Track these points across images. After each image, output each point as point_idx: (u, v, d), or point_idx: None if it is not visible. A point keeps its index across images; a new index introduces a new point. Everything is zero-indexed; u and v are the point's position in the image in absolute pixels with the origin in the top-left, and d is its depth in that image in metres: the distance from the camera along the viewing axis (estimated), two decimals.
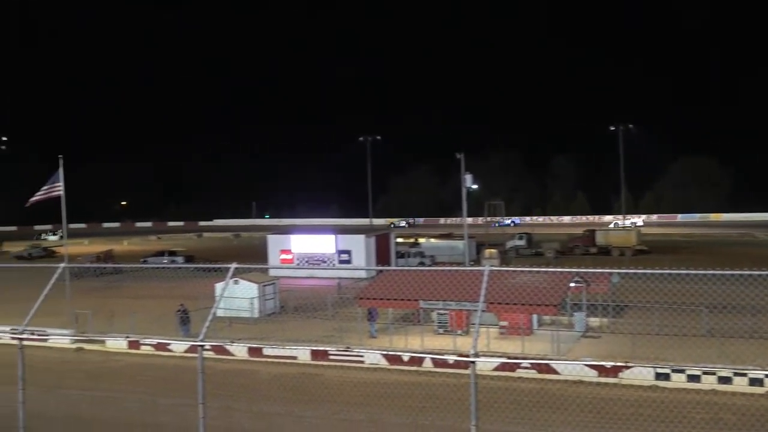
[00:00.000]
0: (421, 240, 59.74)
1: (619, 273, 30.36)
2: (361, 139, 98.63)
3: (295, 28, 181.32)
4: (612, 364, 21.56)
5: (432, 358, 22.52)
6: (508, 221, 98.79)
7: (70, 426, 17.30)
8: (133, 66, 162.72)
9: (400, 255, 52.65)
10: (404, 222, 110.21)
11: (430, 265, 48.59)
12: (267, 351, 25.63)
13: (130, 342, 27.64)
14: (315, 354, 24.77)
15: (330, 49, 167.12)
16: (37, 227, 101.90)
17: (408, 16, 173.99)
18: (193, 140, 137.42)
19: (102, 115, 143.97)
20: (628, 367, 21.30)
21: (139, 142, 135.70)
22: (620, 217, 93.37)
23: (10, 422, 11.83)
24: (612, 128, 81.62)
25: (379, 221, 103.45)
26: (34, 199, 33.87)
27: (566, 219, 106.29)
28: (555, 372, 22.02)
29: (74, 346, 28.90)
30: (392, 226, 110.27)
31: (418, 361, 23.10)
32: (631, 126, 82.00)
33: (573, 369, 21.14)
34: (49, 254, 68.37)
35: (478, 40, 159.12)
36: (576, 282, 28.43)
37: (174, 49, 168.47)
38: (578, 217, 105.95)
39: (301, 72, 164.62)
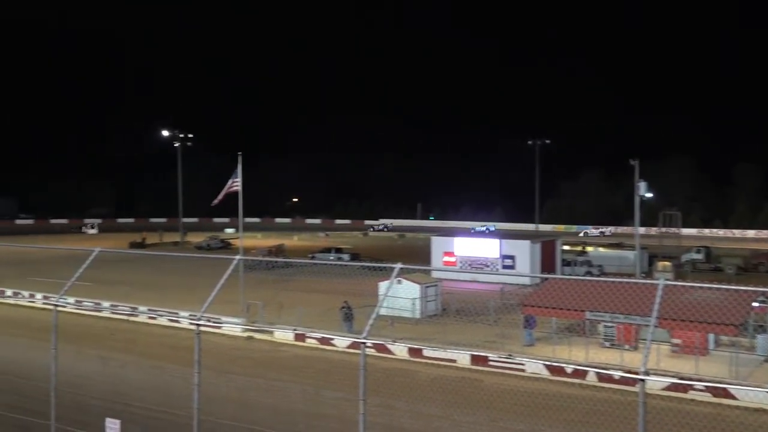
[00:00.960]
0: (589, 248, 57.85)
1: None
2: (530, 142, 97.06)
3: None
4: None
5: (597, 372, 21.73)
6: (482, 228, 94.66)
7: (238, 410, 18.24)
8: (304, 65, 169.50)
9: (566, 263, 51.30)
10: (382, 225, 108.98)
11: (597, 275, 46.94)
12: (427, 352, 25.82)
13: (296, 334, 28.81)
14: (475, 359, 24.64)
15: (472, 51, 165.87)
16: (216, 220, 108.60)
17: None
18: (362, 139, 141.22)
19: (280, 113, 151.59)
20: None
21: (309, 140, 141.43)
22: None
23: (187, 402, 12.63)
24: None
25: (545, 227, 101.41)
26: (218, 199, 36.08)
27: (751, 233, 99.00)
28: (732, 397, 20.57)
29: (245, 334, 30.51)
30: (371, 229, 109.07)
31: (581, 374, 22.37)
32: None
33: (755, 396, 19.62)
34: (226, 246, 72.64)
35: (657, 40, 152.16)
36: (761, 302, 26.40)
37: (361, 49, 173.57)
38: (765, 231, 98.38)
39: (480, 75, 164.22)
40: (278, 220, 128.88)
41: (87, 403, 17.85)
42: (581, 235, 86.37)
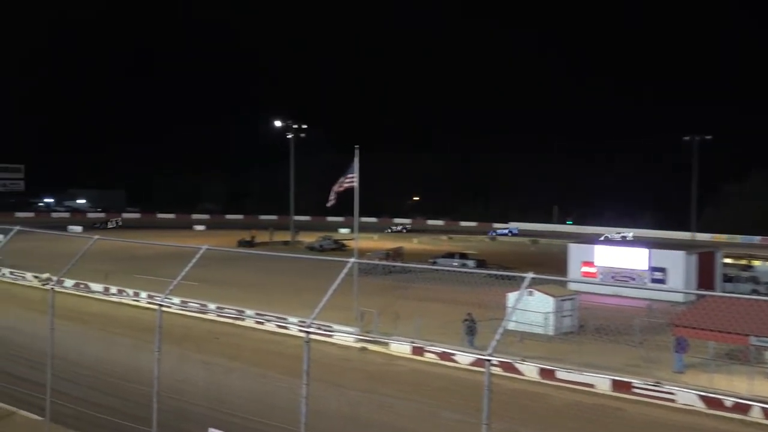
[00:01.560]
0: (756, 262, 55.10)
1: None
2: (686, 138, 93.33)
3: None
4: None
5: (763, 408, 20.64)
6: (505, 230, 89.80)
7: (348, 426, 18.44)
8: (425, 57, 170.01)
9: (727, 279, 49.06)
10: (401, 227, 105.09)
11: (766, 294, 44.59)
12: (561, 374, 25.29)
13: (414, 347, 28.87)
14: (617, 385, 23.93)
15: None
16: (330, 219, 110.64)
17: None
18: (492, 136, 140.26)
19: (397, 105, 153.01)
20: None
21: (434, 135, 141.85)
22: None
23: (293, 415, 12.87)
24: None
25: (703, 236, 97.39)
26: (332, 198, 36.66)
27: None
28: None
29: (358, 345, 30.85)
30: (389, 230, 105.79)
31: (744, 409, 21.30)
32: None
33: None
34: (340, 247, 73.82)
35: None
36: None
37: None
38: None
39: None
40: (397, 220, 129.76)
41: (189, 410, 18.54)
42: (604, 237, 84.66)
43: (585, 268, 49.52)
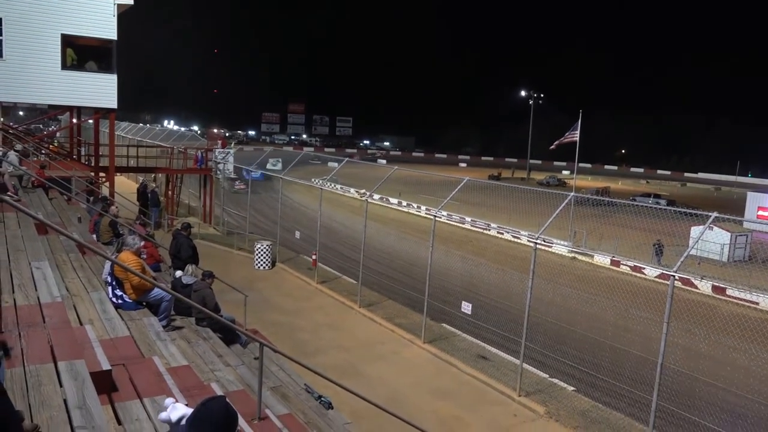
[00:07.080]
0: None
1: None
2: None
3: None
4: None
5: None
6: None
7: (560, 313, 18.11)
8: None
9: None
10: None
11: None
12: (730, 292, 22.80)
13: (612, 260, 27.41)
14: None
15: None
16: (555, 163, 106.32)
17: None
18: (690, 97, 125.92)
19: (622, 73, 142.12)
20: None
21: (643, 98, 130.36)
22: None
23: (520, 299, 12.82)
24: None
25: None
26: (556, 143, 35.42)
27: None
28: None
29: (570, 255, 29.86)
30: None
31: None
32: None
33: None
34: (562, 184, 71.33)
35: None
36: None
37: None
38: None
39: None
40: (606, 166, 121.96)
41: (450, 288, 19.19)
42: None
43: (760, 212, 43.49)
